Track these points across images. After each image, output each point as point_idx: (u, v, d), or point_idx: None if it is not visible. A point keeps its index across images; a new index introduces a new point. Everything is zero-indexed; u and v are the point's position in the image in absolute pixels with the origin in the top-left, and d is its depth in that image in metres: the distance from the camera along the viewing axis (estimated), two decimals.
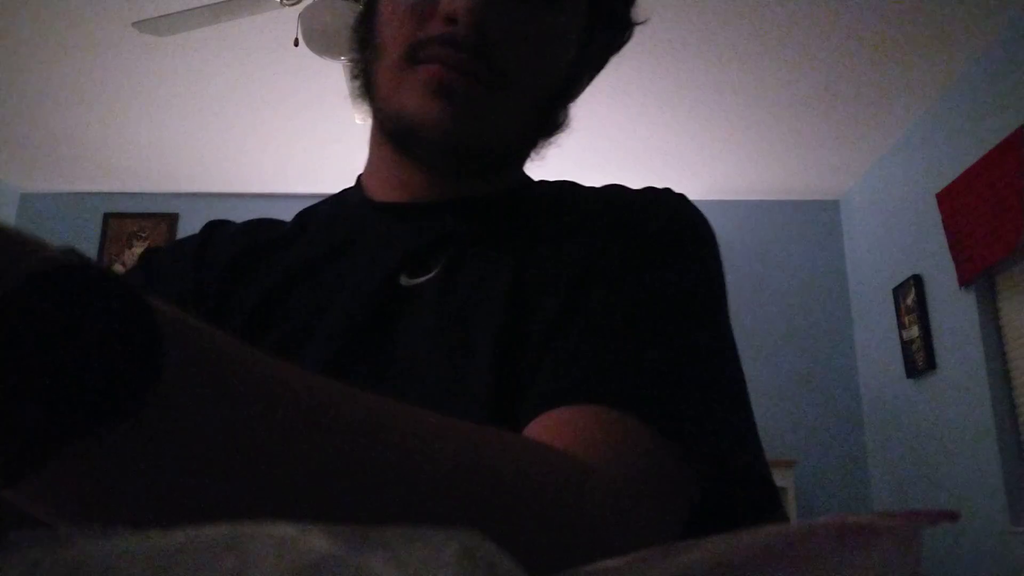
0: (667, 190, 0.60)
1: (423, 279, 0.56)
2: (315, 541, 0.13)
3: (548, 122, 0.60)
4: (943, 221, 3.47)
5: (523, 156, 0.62)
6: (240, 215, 0.69)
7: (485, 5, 0.51)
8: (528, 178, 0.65)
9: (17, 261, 0.20)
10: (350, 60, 0.58)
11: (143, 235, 4.64)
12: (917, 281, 3.73)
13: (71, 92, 3.61)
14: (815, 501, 4.16)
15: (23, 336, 0.19)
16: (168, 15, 2.50)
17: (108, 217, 4.68)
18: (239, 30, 3.06)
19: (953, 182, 3.40)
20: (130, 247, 4.61)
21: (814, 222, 4.63)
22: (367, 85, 0.57)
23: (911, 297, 3.77)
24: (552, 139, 0.62)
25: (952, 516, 0.19)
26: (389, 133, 0.57)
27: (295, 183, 4.49)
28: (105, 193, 4.72)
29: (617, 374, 0.43)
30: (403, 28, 0.53)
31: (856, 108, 3.67)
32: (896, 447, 3.95)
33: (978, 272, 3.25)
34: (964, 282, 3.33)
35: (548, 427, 0.41)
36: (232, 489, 0.24)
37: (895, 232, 4.00)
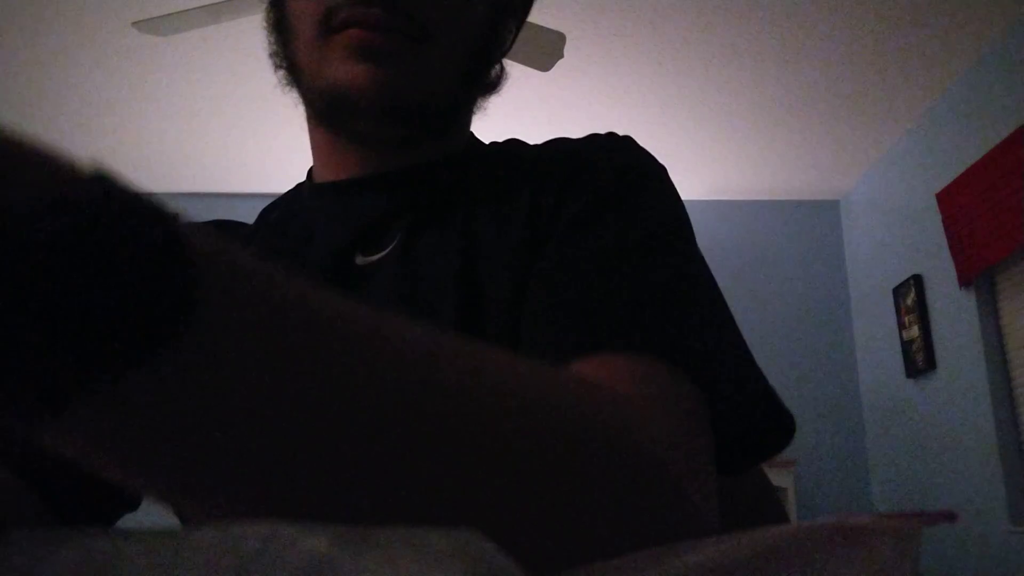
0: (611, 134, 0.58)
1: (378, 256, 0.55)
2: (313, 541, 0.13)
3: (480, 74, 0.58)
4: (943, 221, 3.47)
5: (461, 114, 0.60)
6: (240, 215, 0.69)
7: None
8: (475, 139, 0.64)
9: (38, 184, 0.19)
10: (269, 53, 0.56)
11: None
12: (917, 281, 3.73)
13: (71, 92, 3.61)
14: (815, 501, 4.16)
15: (44, 268, 0.18)
16: (168, 15, 2.49)
17: None
18: (239, 30, 3.06)
19: (953, 182, 3.40)
20: None
21: (814, 222, 4.63)
22: (291, 70, 0.55)
23: (911, 297, 3.77)
24: (489, 95, 0.60)
25: (950, 516, 0.19)
26: (321, 113, 0.55)
27: (296, 183, 4.48)
28: None
29: (609, 317, 0.42)
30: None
31: (856, 108, 3.67)
32: (896, 447, 3.95)
33: (978, 272, 3.25)
34: (964, 282, 3.34)
35: None
36: (277, 425, 0.22)
37: (895, 232, 4.00)
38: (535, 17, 3.12)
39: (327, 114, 0.54)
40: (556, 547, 0.26)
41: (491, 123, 4.49)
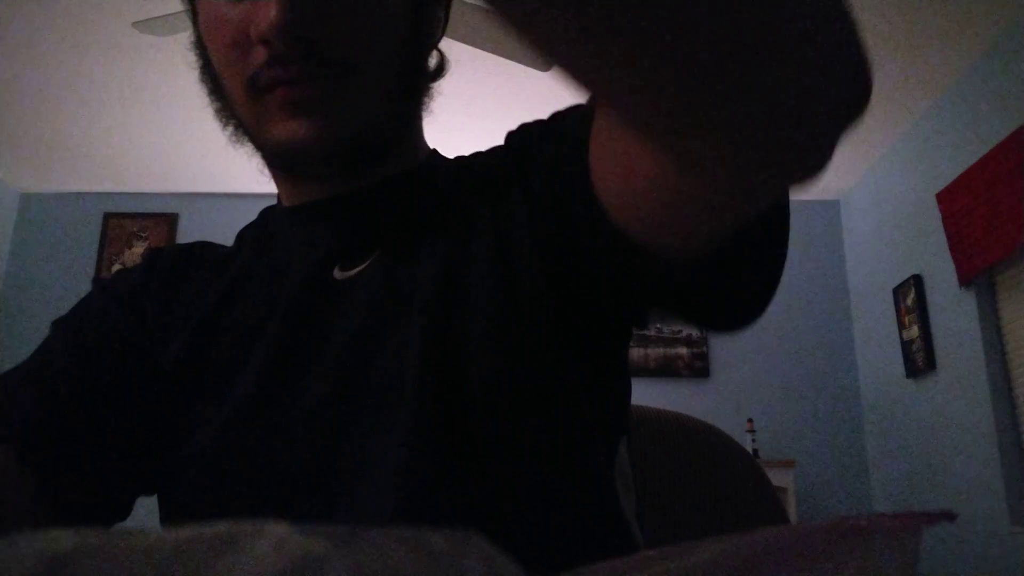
0: (554, 113, 0.59)
1: (355, 271, 0.56)
2: (309, 541, 0.13)
3: (415, 75, 0.58)
4: (943, 221, 3.47)
5: (410, 119, 0.60)
6: (240, 215, 0.70)
7: (290, 11, 0.48)
8: (436, 153, 0.65)
9: None
10: (214, 111, 0.58)
11: (143, 235, 4.65)
12: (917, 281, 3.73)
13: (71, 92, 3.61)
14: (815, 501, 4.16)
15: None
16: (168, 15, 2.50)
17: (108, 217, 4.68)
18: None
19: (953, 182, 3.40)
20: (130, 247, 4.61)
21: (814, 222, 4.63)
22: (236, 128, 0.56)
23: (911, 297, 3.77)
24: (432, 85, 0.60)
25: (950, 516, 0.19)
26: (273, 165, 0.57)
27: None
28: (105, 193, 4.73)
29: None
30: (234, 66, 0.52)
31: None
32: (896, 447, 3.96)
33: (978, 272, 3.25)
34: (964, 282, 3.34)
35: None
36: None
37: (895, 232, 4.00)
38: None
39: (278, 166, 0.56)
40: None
41: (493, 123, 4.49)
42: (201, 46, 0.56)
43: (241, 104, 0.53)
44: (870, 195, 4.28)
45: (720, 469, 0.83)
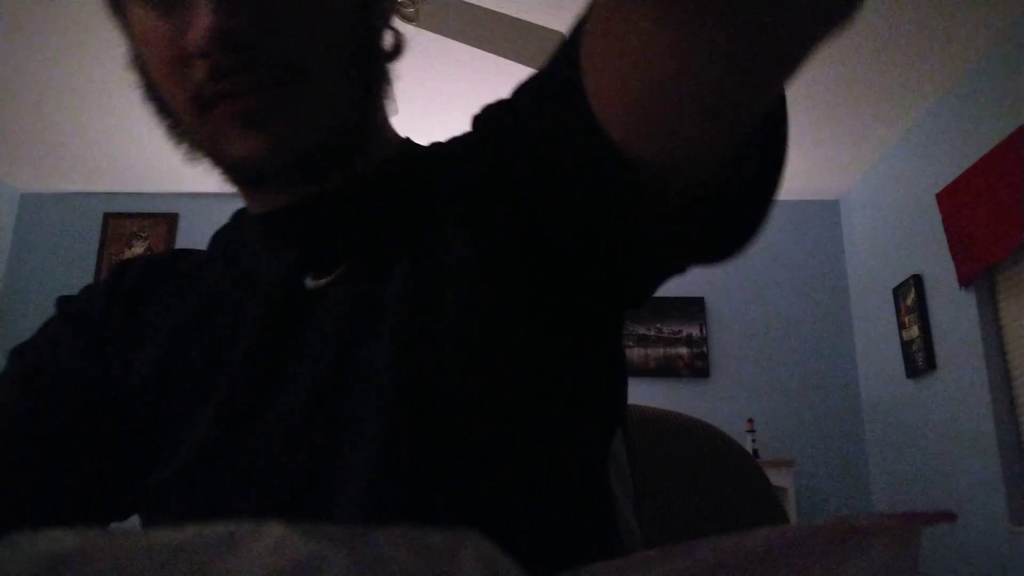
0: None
1: (327, 279, 0.54)
2: (309, 541, 0.13)
3: (374, 62, 0.55)
4: (943, 221, 3.47)
5: (375, 106, 0.57)
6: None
7: (223, 17, 0.45)
8: (408, 141, 0.62)
9: None
10: (166, 130, 0.54)
11: (143, 235, 4.65)
12: (917, 281, 3.74)
13: (71, 92, 3.62)
14: (815, 501, 4.16)
15: None
16: None
17: (108, 217, 4.68)
18: None
19: (953, 182, 3.40)
20: (130, 247, 4.61)
21: (814, 222, 4.63)
22: (190, 146, 0.53)
23: (911, 297, 3.77)
24: (389, 67, 0.57)
25: (950, 517, 0.19)
26: (231, 180, 0.54)
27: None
28: (105, 193, 4.73)
29: None
30: (176, 84, 0.49)
31: (856, 108, 3.67)
32: (896, 447, 3.96)
33: (978, 272, 3.25)
34: (964, 282, 3.34)
35: None
36: None
37: (895, 232, 4.00)
38: (535, 17, 3.12)
39: (237, 180, 0.53)
40: None
41: None
42: (141, 64, 0.53)
43: (190, 122, 0.50)
44: (870, 195, 4.28)
45: (720, 469, 0.83)
